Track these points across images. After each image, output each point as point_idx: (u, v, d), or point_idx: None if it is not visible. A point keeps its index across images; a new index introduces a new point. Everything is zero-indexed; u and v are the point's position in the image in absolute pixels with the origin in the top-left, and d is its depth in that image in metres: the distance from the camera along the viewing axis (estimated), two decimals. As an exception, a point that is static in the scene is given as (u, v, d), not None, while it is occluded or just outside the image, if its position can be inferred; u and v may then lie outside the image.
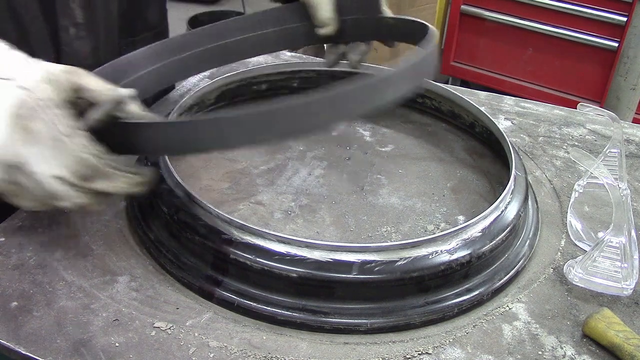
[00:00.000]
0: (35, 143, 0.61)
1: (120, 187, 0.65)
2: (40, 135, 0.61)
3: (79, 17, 0.91)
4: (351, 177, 0.97)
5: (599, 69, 2.57)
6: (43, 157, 0.61)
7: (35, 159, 0.61)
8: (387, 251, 0.71)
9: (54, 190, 0.62)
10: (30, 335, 0.67)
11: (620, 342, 0.68)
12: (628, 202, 0.89)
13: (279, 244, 0.70)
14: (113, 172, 0.64)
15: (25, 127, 0.61)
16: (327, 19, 0.96)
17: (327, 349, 0.69)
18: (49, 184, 0.62)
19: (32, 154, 0.61)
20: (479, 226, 0.76)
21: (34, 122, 0.61)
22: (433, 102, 1.12)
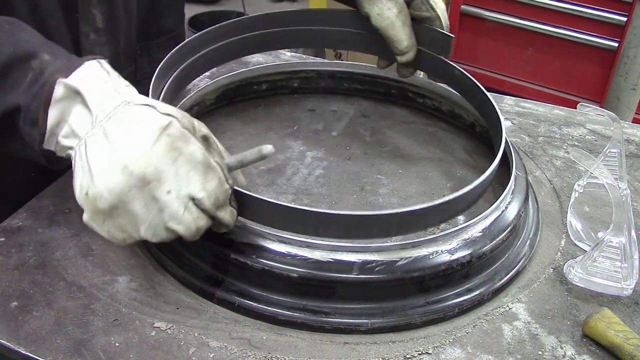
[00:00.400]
0: (183, 163, 0.62)
1: (230, 220, 0.67)
2: (191, 157, 0.62)
3: (100, 22, 0.91)
4: (351, 177, 0.97)
5: (599, 69, 2.57)
6: (187, 178, 0.62)
7: (176, 178, 0.62)
8: (388, 251, 0.71)
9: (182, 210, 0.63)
10: (30, 335, 0.67)
11: (620, 342, 0.68)
12: (628, 202, 0.89)
13: (280, 244, 0.70)
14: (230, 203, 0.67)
15: (175, 146, 0.62)
16: (405, 48, 0.98)
17: (327, 348, 0.69)
18: (182, 203, 0.63)
19: (174, 173, 0.62)
20: (479, 226, 0.76)
21: (185, 144, 0.62)
22: (433, 102, 1.12)
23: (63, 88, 0.64)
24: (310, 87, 1.18)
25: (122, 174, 0.61)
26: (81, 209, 0.64)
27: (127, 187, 0.62)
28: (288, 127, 1.08)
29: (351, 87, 1.18)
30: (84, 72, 0.65)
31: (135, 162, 0.61)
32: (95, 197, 0.62)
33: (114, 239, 0.65)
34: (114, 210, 0.63)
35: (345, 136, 1.07)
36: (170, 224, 0.63)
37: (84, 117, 0.65)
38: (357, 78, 1.17)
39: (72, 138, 0.65)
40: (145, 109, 0.64)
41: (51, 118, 0.65)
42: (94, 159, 0.62)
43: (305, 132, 1.07)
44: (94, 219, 0.64)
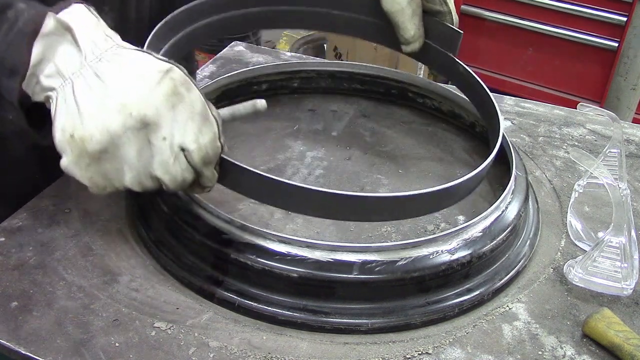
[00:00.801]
0: (182, 110, 0.60)
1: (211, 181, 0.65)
2: (192, 106, 0.60)
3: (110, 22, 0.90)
4: (351, 177, 0.97)
5: (599, 69, 2.57)
6: (183, 126, 0.60)
7: (173, 124, 0.60)
8: (388, 251, 0.71)
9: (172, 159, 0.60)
10: (30, 335, 0.67)
11: (620, 342, 0.68)
12: (628, 202, 0.89)
13: (280, 244, 0.70)
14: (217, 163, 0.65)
15: (177, 91, 0.60)
16: (411, 37, 0.96)
17: (327, 349, 0.69)
18: (172, 152, 0.60)
19: (172, 119, 0.60)
20: (479, 226, 0.76)
21: (187, 91, 0.60)
22: (433, 102, 1.12)
23: (54, 21, 0.60)
24: (310, 87, 1.18)
25: (119, 114, 0.58)
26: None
27: (123, 128, 0.59)
28: (288, 127, 1.08)
29: (351, 87, 1.18)
30: (74, 12, 0.62)
31: (136, 103, 0.59)
32: (84, 139, 0.59)
33: (95, 185, 0.63)
34: (102, 154, 0.60)
35: (345, 136, 1.07)
36: (158, 172, 0.61)
37: (72, 56, 0.61)
38: (357, 78, 1.17)
39: (56, 78, 0.61)
40: (141, 53, 0.62)
41: (34, 54, 0.60)
42: (84, 100, 0.59)
43: (305, 132, 1.07)
44: (78, 163, 0.61)
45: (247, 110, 0.66)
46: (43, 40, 0.60)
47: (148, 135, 0.60)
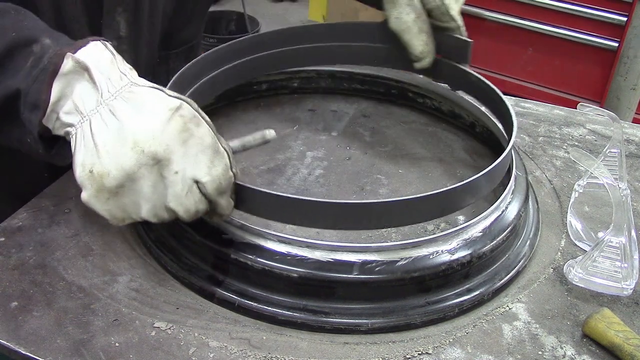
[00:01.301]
0: (193, 145, 0.62)
1: (227, 209, 0.67)
2: (200, 140, 0.63)
3: (123, 30, 0.92)
4: (351, 177, 0.97)
5: (599, 69, 2.57)
6: (194, 160, 0.63)
7: (184, 159, 0.62)
8: (388, 251, 0.71)
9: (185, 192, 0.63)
10: (30, 335, 0.67)
11: (620, 342, 0.68)
12: (628, 202, 0.89)
13: (280, 244, 0.70)
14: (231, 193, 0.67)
15: (187, 127, 0.62)
16: (420, 53, 0.98)
17: (327, 348, 0.69)
18: (186, 185, 0.63)
19: (183, 154, 0.62)
20: (479, 226, 0.76)
21: (196, 127, 0.63)
22: (433, 102, 1.12)
23: (72, 62, 0.63)
24: (310, 87, 1.18)
25: (132, 151, 0.61)
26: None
27: (137, 165, 0.62)
28: (288, 127, 1.08)
29: (351, 87, 1.18)
30: (91, 50, 0.65)
31: (147, 141, 0.61)
32: (102, 175, 0.62)
33: (114, 218, 0.65)
34: (119, 189, 0.63)
35: (345, 136, 1.07)
36: (172, 204, 0.64)
37: (89, 94, 0.64)
38: (357, 78, 1.17)
39: (75, 114, 0.64)
40: (153, 91, 0.64)
41: (54, 92, 0.64)
42: (101, 137, 0.62)
43: (305, 132, 1.07)
44: (97, 197, 0.63)
45: (257, 141, 0.68)
46: (62, 79, 0.64)
47: (161, 170, 0.63)
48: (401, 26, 0.97)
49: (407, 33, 0.97)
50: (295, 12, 4.21)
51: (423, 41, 0.97)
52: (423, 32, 0.97)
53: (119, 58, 0.67)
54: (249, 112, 1.12)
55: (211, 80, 0.97)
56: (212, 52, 0.97)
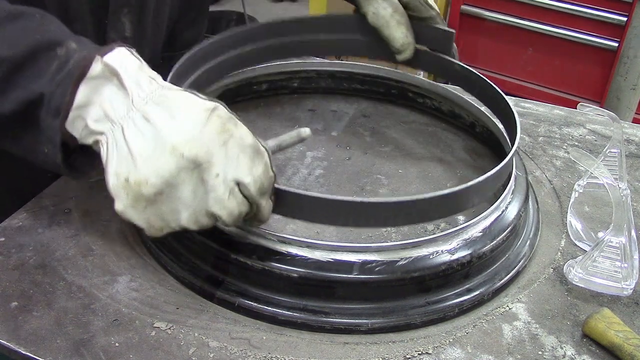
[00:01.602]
0: (233, 145, 0.61)
1: (268, 211, 0.66)
2: (241, 141, 0.61)
3: (128, 31, 0.91)
4: (351, 177, 0.97)
5: (599, 69, 2.57)
6: (235, 161, 0.61)
7: (225, 161, 0.60)
8: (388, 251, 0.71)
9: (227, 195, 0.61)
10: (30, 335, 0.67)
11: (620, 342, 0.68)
12: (628, 202, 0.89)
13: (280, 244, 0.70)
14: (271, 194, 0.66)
15: (226, 128, 0.61)
16: (400, 46, 0.99)
17: (327, 348, 0.69)
18: (227, 188, 0.61)
19: (224, 156, 0.60)
20: (479, 226, 0.76)
21: (235, 127, 0.61)
22: (433, 102, 1.12)
23: (101, 65, 0.61)
24: (310, 87, 1.18)
25: (171, 156, 0.59)
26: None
27: (177, 170, 0.60)
28: (288, 127, 1.08)
29: (351, 87, 1.18)
30: (118, 55, 0.63)
31: (187, 144, 0.59)
32: (140, 183, 0.60)
33: (152, 227, 0.63)
34: (158, 196, 0.61)
35: (345, 136, 1.07)
36: (214, 208, 0.62)
37: (119, 100, 0.62)
38: (357, 78, 1.17)
39: (104, 122, 0.62)
40: (185, 94, 0.63)
41: (79, 97, 0.61)
42: (137, 143, 0.60)
43: (305, 132, 1.07)
44: (135, 207, 0.61)
45: (293, 139, 0.68)
46: (89, 83, 0.61)
47: (201, 174, 0.61)
48: (379, 21, 0.98)
49: (386, 27, 0.98)
50: (295, 12, 4.21)
51: (403, 34, 0.98)
52: (402, 25, 0.98)
53: (145, 64, 0.65)
54: (249, 112, 1.12)
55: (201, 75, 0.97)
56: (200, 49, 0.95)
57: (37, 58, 0.63)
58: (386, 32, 0.99)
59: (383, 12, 0.97)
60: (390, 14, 0.97)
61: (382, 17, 0.98)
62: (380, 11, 0.98)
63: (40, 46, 0.63)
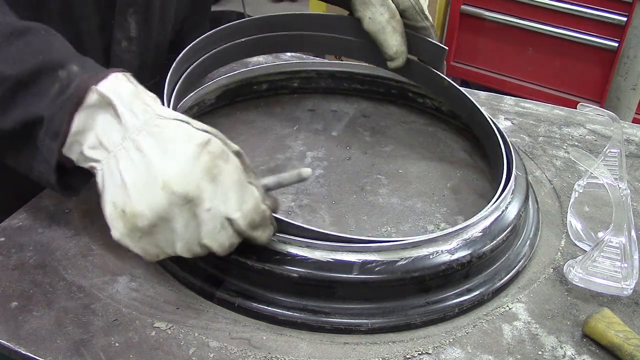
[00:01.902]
0: (222, 182, 0.62)
1: (265, 240, 0.67)
2: (229, 177, 0.62)
3: (134, 31, 0.91)
4: (351, 177, 0.97)
5: (599, 69, 2.57)
6: (224, 197, 0.62)
7: (215, 197, 0.62)
8: (388, 251, 0.71)
9: (217, 230, 0.63)
10: (30, 335, 0.67)
11: (620, 342, 0.68)
12: (628, 202, 0.89)
13: (280, 244, 0.70)
14: (269, 224, 0.66)
15: (216, 164, 0.61)
16: (394, 53, 1.00)
17: (327, 348, 0.69)
18: (218, 224, 0.62)
19: (214, 191, 0.61)
20: (479, 226, 0.76)
21: (225, 163, 0.62)
22: (433, 102, 1.12)
23: (96, 95, 0.62)
24: (310, 87, 1.18)
25: (163, 191, 0.60)
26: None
27: (169, 205, 0.61)
28: (288, 127, 1.08)
29: (351, 87, 1.18)
30: (112, 83, 0.64)
31: (177, 180, 0.60)
32: (135, 216, 0.61)
33: (148, 255, 0.65)
34: (153, 228, 0.62)
35: (345, 136, 1.07)
36: (205, 240, 0.63)
37: (113, 128, 0.63)
38: (357, 78, 1.17)
39: (100, 150, 0.63)
40: (180, 124, 0.63)
41: (76, 124, 0.63)
42: (130, 175, 0.61)
43: (305, 132, 1.07)
44: (130, 236, 0.63)
45: (293, 179, 0.70)
46: (86, 111, 0.63)
47: (193, 209, 0.62)
48: (376, 26, 0.98)
49: (381, 33, 0.98)
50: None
51: (397, 41, 0.99)
52: (397, 33, 0.98)
53: (141, 88, 0.66)
54: (249, 112, 1.12)
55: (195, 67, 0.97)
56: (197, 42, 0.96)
57: (39, 79, 0.64)
58: (381, 37, 0.99)
59: (380, 17, 0.98)
60: (386, 20, 0.97)
61: (379, 22, 0.98)
62: (377, 17, 0.98)
63: (43, 67, 0.64)
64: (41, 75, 0.64)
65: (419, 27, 0.99)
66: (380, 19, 0.97)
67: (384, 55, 1.01)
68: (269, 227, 0.67)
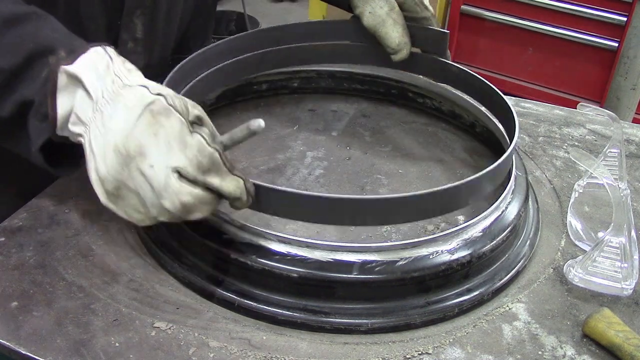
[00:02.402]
0: (163, 136, 0.62)
1: (229, 186, 0.65)
2: (171, 129, 0.62)
3: (139, 32, 0.92)
4: (351, 177, 0.97)
5: (599, 69, 2.57)
6: (167, 149, 0.62)
7: (157, 150, 0.62)
8: (388, 251, 0.71)
9: (168, 183, 0.62)
10: (30, 335, 0.67)
11: (620, 342, 0.68)
12: (628, 202, 0.89)
13: (280, 244, 0.70)
14: (226, 170, 0.65)
15: (157, 120, 0.62)
16: (397, 45, 0.99)
17: (327, 349, 0.69)
18: (165, 176, 0.62)
19: (155, 145, 0.62)
20: (479, 226, 0.76)
21: (166, 118, 0.63)
22: (433, 102, 1.12)
23: (65, 76, 0.65)
24: (310, 87, 1.18)
25: (114, 153, 0.63)
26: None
27: (120, 165, 0.63)
28: (288, 127, 1.08)
29: (351, 87, 1.18)
30: (87, 60, 0.66)
31: (121, 140, 0.62)
32: (103, 180, 0.64)
33: (133, 219, 0.66)
34: (119, 191, 0.64)
35: (345, 136, 1.07)
36: (163, 201, 0.63)
37: (86, 103, 0.65)
38: (357, 78, 1.17)
39: (79, 125, 0.66)
40: (136, 90, 0.64)
41: (62, 106, 0.66)
42: (95, 143, 0.64)
43: (305, 132, 1.07)
44: (109, 200, 0.66)
45: (244, 133, 0.68)
46: (63, 92, 0.66)
47: (139, 166, 0.63)
48: (376, 20, 0.98)
49: (382, 26, 0.98)
50: (295, 12, 4.21)
51: (399, 33, 0.98)
52: (398, 24, 0.98)
53: (119, 60, 0.67)
54: (249, 112, 1.12)
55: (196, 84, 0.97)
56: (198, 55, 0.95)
57: (31, 65, 0.67)
58: (382, 31, 0.98)
59: (380, 11, 0.98)
60: (386, 13, 0.97)
61: (379, 15, 0.98)
62: (377, 10, 0.98)
63: (35, 53, 0.67)
64: (33, 62, 0.67)
65: (419, 17, 0.99)
66: (379, 12, 0.98)
67: (387, 50, 1.01)
68: (228, 174, 0.65)
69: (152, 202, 0.64)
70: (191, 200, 0.63)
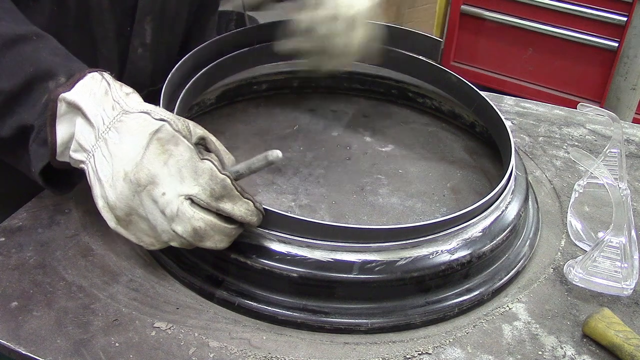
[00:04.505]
0: (174, 164, 0.64)
1: (241, 211, 0.66)
2: (181, 157, 0.64)
3: (148, 37, 0.93)
4: (351, 177, 0.97)
5: (599, 69, 2.57)
6: (179, 177, 0.64)
7: (169, 179, 0.64)
8: (388, 251, 0.71)
9: (180, 210, 0.63)
10: (30, 335, 0.67)
11: (620, 342, 0.68)
12: (628, 202, 0.89)
13: (280, 244, 0.70)
14: (238, 195, 0.66)
15: (165, 149, 0.64)
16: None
17: (327, 348, 0.69)
18: (178, 203, 0.63)
19: (167, 175, 0.64)
20: (479, 226, 0.76)
21: (175, 146, 0.64)
22: (433, 102, 1.12)
23: (64, 104, 0.66)
24: (310, 87, 1.18)
25: (124, 182, 0.64)
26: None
27: (131, 193, 0.64)
28: (288, 127, 1.08)
29: (351, 87, 1.18)
30: (84, 86, 0.67)
31: (131, 168, 0.63)
32: (113, 208, 0.66)
33: (144, 243, 0.68)
34: (130, 217, 0.66)
35: (345, 136, 1.07)
36: (175, 227, 0.64)
37: (87, 131, 0.67)
38: (357, 78, 1.17)
39: (81, 152, 0.67)
40: (139, 117, 0.65)
41: (62, 134, 0.67)
42: (102, 171, 0.65)
43: (305, 132, 1.07)
44: (119, 226, 0.67)
45: (261, 162, 0.69)
46: (63, 120, 0.67)
47: (151, 195, 0.64)
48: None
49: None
50: (295, 12, 4.20)
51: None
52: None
53: (116, 86, 0.68)
54: (249, 112, 1.12)
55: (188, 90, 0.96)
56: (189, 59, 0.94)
57: (31, 89, 0.68)
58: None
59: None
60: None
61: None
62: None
63: (34, 78, 0.68)
64: (32, 87, 0.68)
65: None
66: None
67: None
68: (239, 199, 0.66)
69: (162, 228, 0.65)
70: (203, 225, 0.64)
